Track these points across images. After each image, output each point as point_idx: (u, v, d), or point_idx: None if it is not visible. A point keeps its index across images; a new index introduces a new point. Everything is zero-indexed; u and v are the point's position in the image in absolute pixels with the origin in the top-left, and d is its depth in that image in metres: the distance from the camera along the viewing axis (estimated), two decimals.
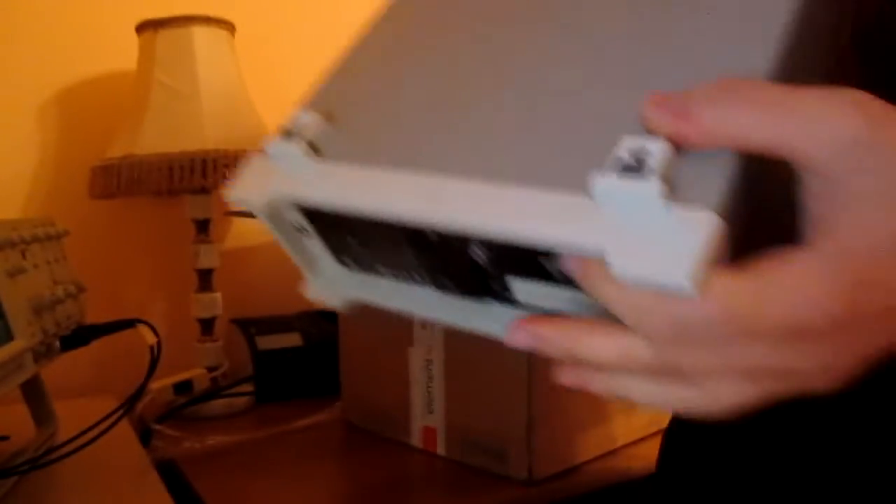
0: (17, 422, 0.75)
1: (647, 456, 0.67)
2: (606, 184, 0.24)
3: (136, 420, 0.93)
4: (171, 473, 0.75)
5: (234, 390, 0.96)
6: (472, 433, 0.75)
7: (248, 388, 0.98)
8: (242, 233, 1.17)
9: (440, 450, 0.78)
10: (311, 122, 0.34)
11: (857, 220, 0.22)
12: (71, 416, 0.74)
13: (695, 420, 0.51)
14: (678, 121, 0.24)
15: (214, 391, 0.95)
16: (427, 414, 0.79)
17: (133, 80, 0.99)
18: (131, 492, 0.66)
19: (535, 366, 0.69)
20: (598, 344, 0.26)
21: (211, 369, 0.98)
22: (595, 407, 0.75)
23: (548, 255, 0.28)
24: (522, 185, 0.27)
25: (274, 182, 0.33)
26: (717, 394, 0.25)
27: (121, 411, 0.69)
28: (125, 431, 0.79)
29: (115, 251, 1.08)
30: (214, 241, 1.01)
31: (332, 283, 0.38)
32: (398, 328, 0.81)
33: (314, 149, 0.33)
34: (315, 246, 0.37)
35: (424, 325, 0.78)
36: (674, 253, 0.22)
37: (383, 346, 0.84)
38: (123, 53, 1.03)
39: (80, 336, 0.70)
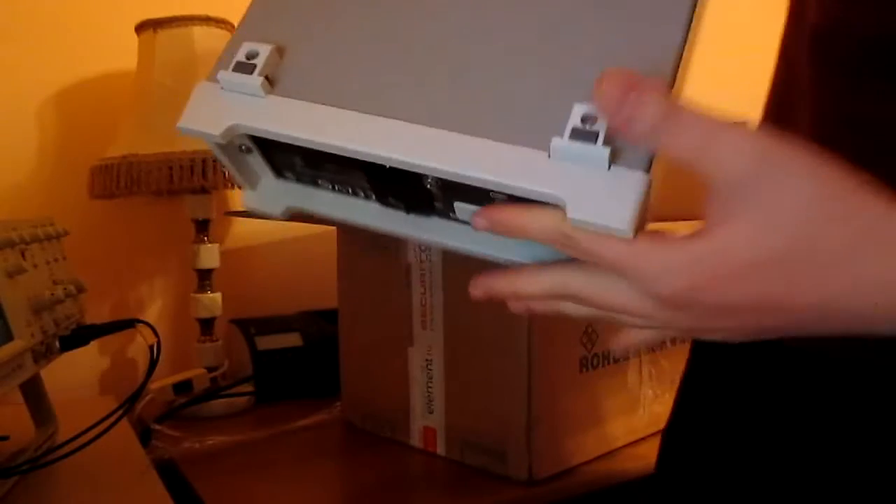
0: (16, 422, 0.75)
1: (647, 456, 0.67)
2: (564, 146, 0.30)
3: (135, 420, 0.93)
4: (170, 473, 0.75)
5: (233, 390, 0.96)
6: (472, 433, 0.75)
7: (247, 388, 0.98)
8: (242, 233, 1.17)
9: (440, 450, 0.78)
10: (265, 54, 0.34)
11: (734, 232, 0.28)
12: (71, 416, 0.74)
13: (691, 424, 0.51)
14: (621, 118, 0.29)
15: (214, 391, 0.95)
16: (427, 414, 0.79)
17: (133, 80, 0.99)
18: (131, 492, 0.66)
19: (534, 366, 0.69)
20: (533, 277, 0.34)
21: (211, 369, 0.98)
22: (594, 407, 0.75)
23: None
24: (474, 133, 0.32)
25: (229, 113, 0.34)
26: (621, 323, 0.33)
27: (120, 411, 0.69)
28: (125, 431, 0.79)
29: (115, 251, 1.08)
30: (214, 241, 1.01)
31: (270, 194, 0.40)
32: (398, 328, 0.81)
33: (269, 81, 0.35)
34: (256, 162, 0.39)
35: (425, 325, 0.78)
36: (617, 203, 0.29)
37: (383, 346, 0.84)
38: (123, 53, 1.03)
39: (79, 336, 0.70)
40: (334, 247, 0.92)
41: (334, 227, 0.94)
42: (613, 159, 0.30)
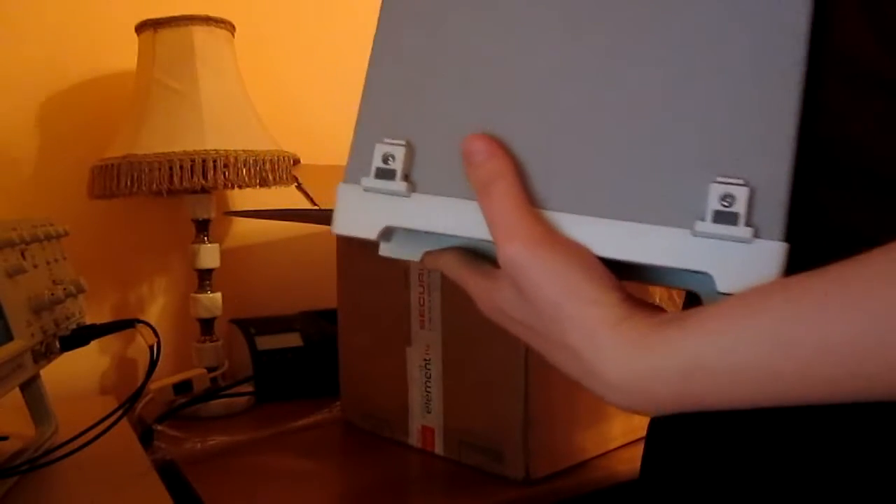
0: (16, 422, 0.75)
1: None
2: (709, 228, 0.33)
3: (135, 420, 0.93)
4: (170, 473, 0.76)
5: (233, 390, 0.96)
6: (470, 433, 0.75)
7: (247, 388, 0.98)
8: (242, 233, 1.17)
9: (438, 449, 0.78)
10: (400, 156, 0.37)
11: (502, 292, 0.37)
12: (71, 416, 0.74)
13: (674, 426, 0.51)
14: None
15: (214, 391, 0.96)
16: (425, 414, 0.79)
17: (133, 80, 0.99)
18: (131, 491, 0.66)
19: (531, 366, 0.69)
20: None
21: (211, 369, 0.98)
22: (592, 407, 0.75)
23: None
24: (623, 219, 0.34)
25: (380, 216, 0.38)
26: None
27: (120, 411, 0.69)
28: (125, 431, 0.79)
29: (115, 251, 1.08)
30: (214, 241, 1.02)
31: (405, 243, 0.42)
32: (397, 328, 0.81)
33: (408, 180, 0.37)
34: (396, 229, 0.41)
35: (423, 325, 0.79)
36: (763, 274, 0.32)
37: (381, 346, 0.84)
38: (123, 53, 1.04)
39: (79, 336, 0.70)
40: (334, 247, 0.92)
41: None
42: (756, 233, 0.32)
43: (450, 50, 0.38)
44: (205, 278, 1.01)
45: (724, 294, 0.32)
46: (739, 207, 0.32)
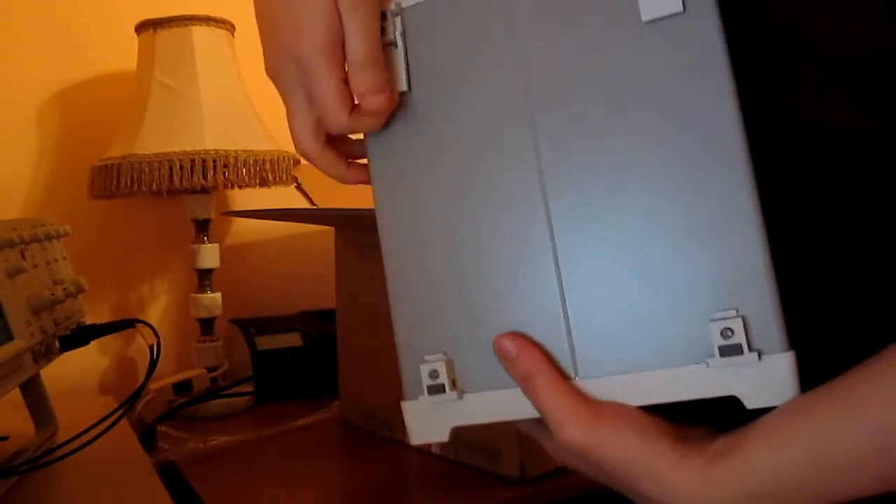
0: (16, 422, 0.75)
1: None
2: (719, 362, 0.36)
3: (135, 420, 0.93)
4: (170, 473, 0.76)
5: (233, 390, 0.96)
6: (467, 432, 0.75)
7: (247, 388, 0.98)
8: (242, 233, 1.17)
9: (435, 448, 0.78)
10: (443, 370, 0.42)
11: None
12: (71, 416, 0.74)
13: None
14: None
15: (214, 391, 0.96)
16: None
17: (133, 80, 0.99)
18: (131, 491, 0.66)
19: None
20: None
21: (211, 369, 0.98)
22: None
23: None
24: (646, 369, 0.38)
25: (445, 421, 0.43)
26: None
27: (120, 411, 0.69)
28: (125, 431, 0.79)
29: (115, 251, 1.08)
30: (214, 241, 1.02)
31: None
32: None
33: (456, 387, 0.42)
34: None
35: None
36: (780, 383, 0.35)
37: (380, 345, 0.84)
38: (123, 53, 1.04)
39: (79, 336, 0.70)
40: (333, 247, 0.92)
41: (333, 228, 0.94)
42: (760, 353, 0.36)
43: (450, 261, 0.43)
44: (205, 278, 1.01)
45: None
46: (739, 338, 0.36)
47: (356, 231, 0.88)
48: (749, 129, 0.36)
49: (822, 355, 0.36)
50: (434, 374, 0.43)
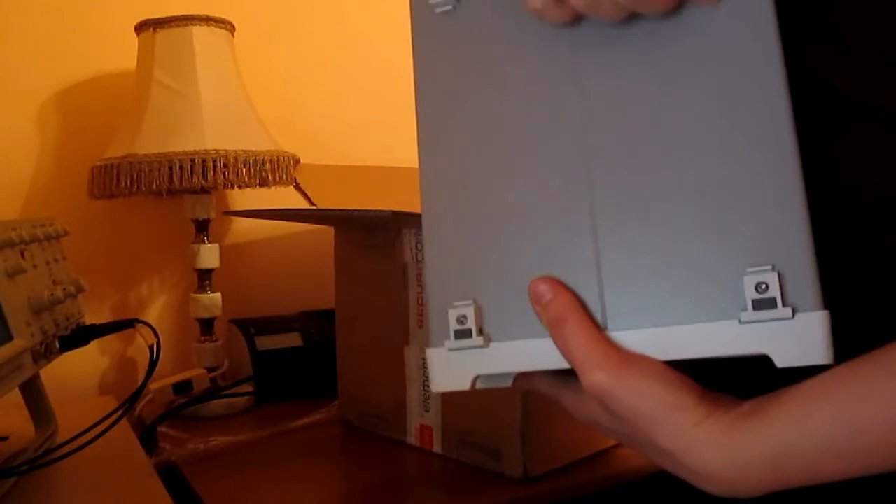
0: (16, 422, 0.75)
1: (642, 455, 0.67)
2: (752, 316, 0.36)
3: (135, 420, 0.93)
4: (170, 473, 0.76)
5: (233, 390, 0.96)
6: (468, 432, 0.75)
7: (247, 388, 0.98)
8: (242, 232, 1.17)
9: (436, 448, 0.78)
10: (471, 315, 0.42)
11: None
12: (71, 416, 0.74)
13: None
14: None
15: (214, 391, 0.96)
16: (423, 413, 0.79)
17: (133, 80, 0.99)
18: (130, 491, 0.66)
19: None
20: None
21: (211, 369, 0.98)
22: None
23: None
24: (678, 323, 0.38)
25: (468, 369, 0.42)
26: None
27: (120, 411, 0.69)
28: (125, 431, 0.80)
29: (114, 251, 1.08)
30: (214, 241, 1.02)
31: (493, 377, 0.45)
32: (395, 328, 0.81)
33: (483, 334, 0.42)
34: None
35: (421, 324, 0.79)
36: (813, 343, 0.35)
37: (380, 345, 0.84)
38: (123, 53, 1.04)
39: (79, 336, 0.70)
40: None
41: (333, 228, 0.94)
42: (794, 309, 0.35)
43: (490, 212, 0.43)
44: (205, 278, 1.01)
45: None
46: (774, 292, 0.35)
47: (356, 231, 0.88)
48: (794, 98, 0.36)
49: (859, 336, 0.35)
50: (462, 319, 0.42)
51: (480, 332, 0.42)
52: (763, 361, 0.36)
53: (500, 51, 0.43)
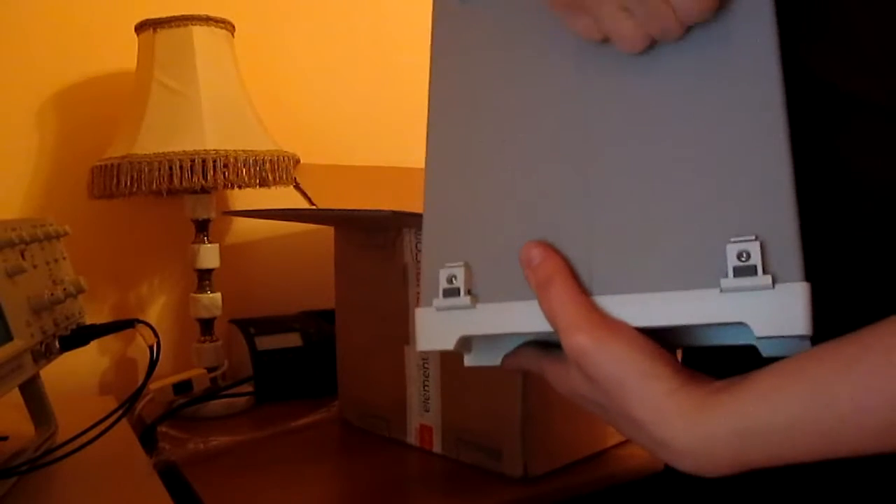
0: (16, 422, 0.75)
1: (642, 455, 0.67)
2: (732, 283, 0.36)
3: (135, 420, 0.93)
4: (170, 473, 0.76)
5: (233, 390, 0.96)
6: (468, 431, 0.75)
7: (247, 388, 0.98)
8: (242, 232, 1.17)
9: (436, 448, 0.78)
10: (461, 275, 0.43)
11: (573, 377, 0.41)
12: (71, 416, 0.74)
13: None
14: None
15: (214, 391, 0.96)
16: (423, 412, 0.80)
17: (133, 80, 0.99)
18: (130, 491, 0.66)
19: None
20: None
21: (211, 369, 0.98)
22: None
23: None
24: (659, 290, 0.38)
25: (454, 329, 0.43)
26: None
27: (120, 411, 0.69)
28: (125, 432, 0.80)
29: (115, 251, 1.08)
30: (214, 241, 1.02)
31: (485, 351, 0.47)
32: (395, 327, 0.81)
33: (471, 294, 0.43)
34: (474, 339, 0.47)
35: None
36: (792, 314, 0.35)
37: (379, 345, 0.84)
38: (123, 53, 1.04)
39: (79, 336, 0.70)
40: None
41: (333, 228, 0.94)
42: (775, 279, 0.35)
43: (486, 179, 0.44)
44: (205, 278, 1.01)
45: (763, 339, 0.37)
46: (755, 260, 0.36)
47: (356, 231, 0.88)
48: (789, 90, 0.37)
49: (850, 325, 0.35)
50: (451, 278, 0.43)
51: (469, 292, 0.43)
52: (752, 354, 0.37)
53: (512, 41, 0.45)
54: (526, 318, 0.41)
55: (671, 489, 0.54)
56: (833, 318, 0.35)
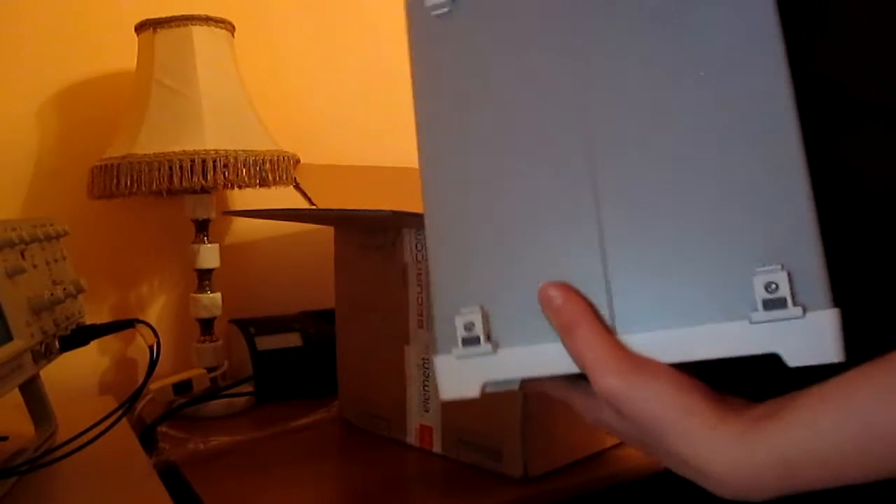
0: (16, 422, 0.75)
1: (641, 455, 0.67)
2: (762, 316, 0.36)
3: (135, 420, 0.93)
4: (170, 473, 0.76)
5: (233, 390, 0.96)
6: (468, 431, 0.75)
7: (247, 388, 0.98)
8: (242, 232, 1.17)
9: (436, 448, 0.78)
10: (479, 322, 0.42)
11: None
12: (71, 416, 0.74)
13: None
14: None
15: (214, 391, 0.96)
16: (423, 412, 0.80)
17: (133, 79, 0.99)
18: (130, 491, 0.66)
19: None
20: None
21: (211, 369, 0.98)
22: None
23: None
24: (688, 325, 0.37)
25: (476, 376, 0.42)
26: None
27: (120, 411, 0.69)
28: (125, 432, 0.80)
29: (115, 251, 1.08)
30: (214, 241, 1.02)
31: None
32: (395, 327, 0.81)
33: (490, 340, 0.42)
34: None
35: (421, 324, 0.79)
36: (824, 342, 0.34)
37: (380, 345, 0.84)
38: (123, 53, 1.04)
39: (79, 336, 0.70)
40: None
41: (333, 228, 0.94)
42: (804, 308, 0.35)
43: (494, 217, 0.42)
44: (205, 278, 1.01)
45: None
46: (784, 291, 0.35)
47: (356, 231, 0.88)
48: (799, 97, 0.36)
49: (871, 335, 0.35)
50: (469, 325, 0.42)
51: (488, 338, 0.42)
52: (772, 360, 0.36)
53: (497, 52, 0.43)
54: (551, 361, 0.40)
55: (671, 489, 0.54)
56: (849, 325, 0.35)
